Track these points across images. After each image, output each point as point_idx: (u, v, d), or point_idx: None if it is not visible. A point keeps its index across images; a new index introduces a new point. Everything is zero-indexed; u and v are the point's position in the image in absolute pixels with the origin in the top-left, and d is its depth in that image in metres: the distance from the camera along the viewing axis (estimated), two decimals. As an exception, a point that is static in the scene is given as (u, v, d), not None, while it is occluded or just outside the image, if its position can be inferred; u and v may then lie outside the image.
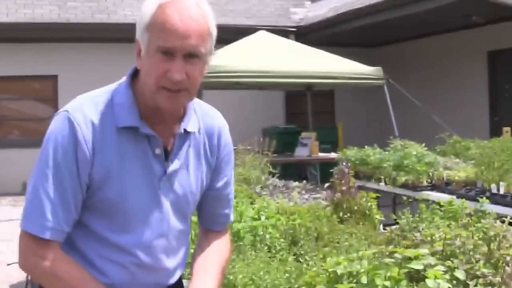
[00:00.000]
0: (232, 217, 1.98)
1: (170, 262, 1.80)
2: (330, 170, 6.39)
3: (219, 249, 1.90)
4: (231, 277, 2.63)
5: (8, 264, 6.02)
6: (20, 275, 5.71)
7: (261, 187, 5.31)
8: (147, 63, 1.62)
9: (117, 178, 1.65)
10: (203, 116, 1.82)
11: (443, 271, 1.96)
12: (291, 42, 10.86)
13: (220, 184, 1.88)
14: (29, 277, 4.93)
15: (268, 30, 10.54)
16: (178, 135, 1.73)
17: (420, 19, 11.40)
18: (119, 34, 12.97)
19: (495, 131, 10.72)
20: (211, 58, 1.72)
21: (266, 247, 3.19)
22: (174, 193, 1.74)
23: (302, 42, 10.80)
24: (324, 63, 9.35)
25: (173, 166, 1.72)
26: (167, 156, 1.72)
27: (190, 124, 1.75)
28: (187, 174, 1.77)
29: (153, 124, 1.69)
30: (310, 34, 13.50)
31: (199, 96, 1.87)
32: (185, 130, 1.73)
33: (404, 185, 5.83)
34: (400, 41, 14.44)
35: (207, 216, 1.93)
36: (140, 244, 1.71)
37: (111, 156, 1.64)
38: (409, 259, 1.99)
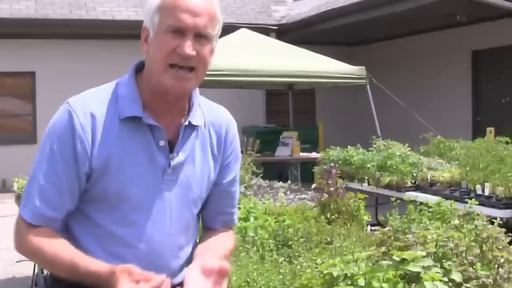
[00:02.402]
0: (236, 221, 1.95)
1: (175, 259, 1.76)
2: (312, 170, 6.38)
3: (223, 237, 1.87)
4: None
5: (17, 262, 6.04)
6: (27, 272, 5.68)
7: (245, 187, 5.26)
8: (156, 43, 1.64)
9: (118, 168, 1.65)
10: (208, 111, 1.82)
11: (438, 272, 1.95)
12: (272, 40, 10.82)
13: (226, 180, 1.86)
14: (35, 274, 4.87)
15: (248, 28, 10.48)
16: (183, 127, 1.73)
17: (404, 17, 11.43)
18: (98, 30, 12.92)
19: (477, 131, 10.80)
20: (215, 49, 1.72)
21: (255, 248, 3.15)
22: (179, 186, 1.73)
23: (283, 41, 10.77)
24: (306, 62, 9.30)
25: (178, 158, 1.72)
26: (172, 148, 1.71)
27: (196, 117, 1.75)
28: (193, 167, 1.75)
29: (157, 116, 1.69)
30: (292, 33, 13.47)
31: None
32: (190, 123, 1.73)
33: (388, 186, 5.81)
34: (383, 39, 14.50)
35: (211, 213, 1.89)
36: (142, 237, 1.69)
37: (111, 146, 1.65)
38: (403, 260, 1.98)
